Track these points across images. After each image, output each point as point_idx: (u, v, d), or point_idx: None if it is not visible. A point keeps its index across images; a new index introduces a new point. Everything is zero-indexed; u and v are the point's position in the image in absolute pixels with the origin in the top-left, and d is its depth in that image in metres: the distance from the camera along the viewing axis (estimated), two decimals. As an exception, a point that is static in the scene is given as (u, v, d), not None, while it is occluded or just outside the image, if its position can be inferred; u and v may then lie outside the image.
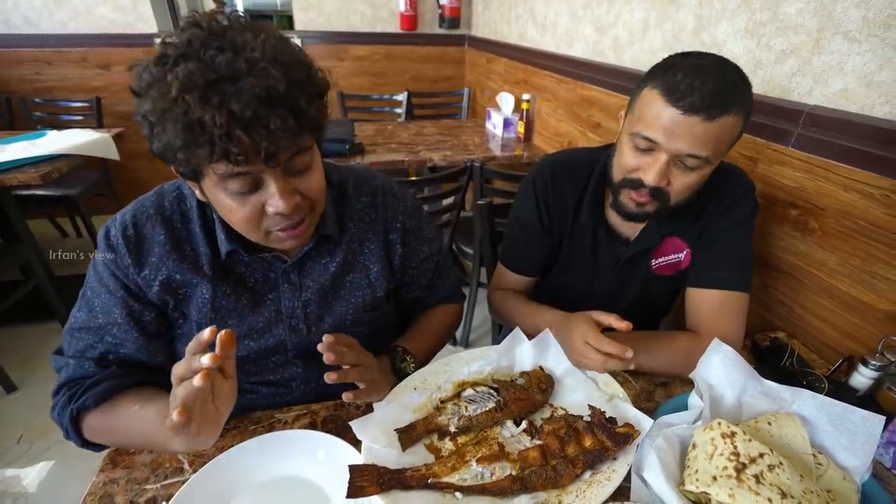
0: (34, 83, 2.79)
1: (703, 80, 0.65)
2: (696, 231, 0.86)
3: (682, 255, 0.89)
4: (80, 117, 2.59)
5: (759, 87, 1.07)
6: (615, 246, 0.92)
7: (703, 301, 0.84)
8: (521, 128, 2.32)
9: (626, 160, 0.76)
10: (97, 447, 0.67)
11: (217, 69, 0.48)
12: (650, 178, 0.72)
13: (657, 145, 0.70)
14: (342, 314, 0.78)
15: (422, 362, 0.83)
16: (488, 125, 2.53)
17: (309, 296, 0.75)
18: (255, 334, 0.73)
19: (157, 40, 0.54)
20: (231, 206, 0.57)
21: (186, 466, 0.65)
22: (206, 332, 0.48)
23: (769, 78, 1.04)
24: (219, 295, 0.69)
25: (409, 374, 0.77)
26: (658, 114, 0.68)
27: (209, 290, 0.69)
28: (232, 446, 0.65)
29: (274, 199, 0.56)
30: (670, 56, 0.72)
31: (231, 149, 0.49)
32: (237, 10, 0.56)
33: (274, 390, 0.79)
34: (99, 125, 2.55)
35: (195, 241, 0.68)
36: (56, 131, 2.12)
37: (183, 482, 0.60)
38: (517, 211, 0.98)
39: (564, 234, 0.95)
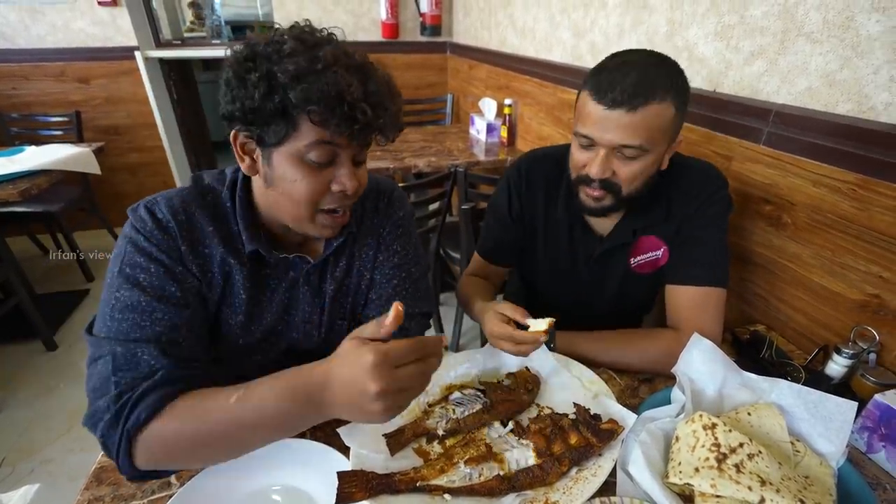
0: (11, 98, 2.74)
1: (623, 75, 0.71)
2: (671, 229, 0.89)
3: (659, 253, 0.91)
4: (59, 132, 2.55)
5: (730, 88, 1.10)
6: (589, 241, 0.94)
7: (682, 298, 0.86)
8: (504, 132, 2.34)
9: (574, 157, 0.82)
10: (147, 476, 0.58)
11: (355, 59, 0.59)
12: (594, 171, 0.77)
13: (593, 140, 0.76)
14: (343, 326, 0.78)
15: None
16: (472, 130, 2.55)
17: (326, 302, 0.76)
18: (271, 336, 0.74)
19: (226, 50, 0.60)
20: (300, 177, 0.60)
21: (173, 480, 0.64)
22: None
23: (739, 79, 1.07)
24: (251, 285, 0.70)
25: None
26: (589, 112, 0.74)
27: (246, 280, 0.69)
28: (220, 458, 0.64)
29: (344, 178, 0.62)
30: (606, 57, 0.77)
31: (357, 116, 0.56)
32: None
33: None
34: (79, 139, 2.51)
35: (233, 231, 0.69)
36: (35, 147, 2.10)
37: (170, 496, 0.60)
38: (492, 200, 1.04)
39: (538, 226, 0.98)
